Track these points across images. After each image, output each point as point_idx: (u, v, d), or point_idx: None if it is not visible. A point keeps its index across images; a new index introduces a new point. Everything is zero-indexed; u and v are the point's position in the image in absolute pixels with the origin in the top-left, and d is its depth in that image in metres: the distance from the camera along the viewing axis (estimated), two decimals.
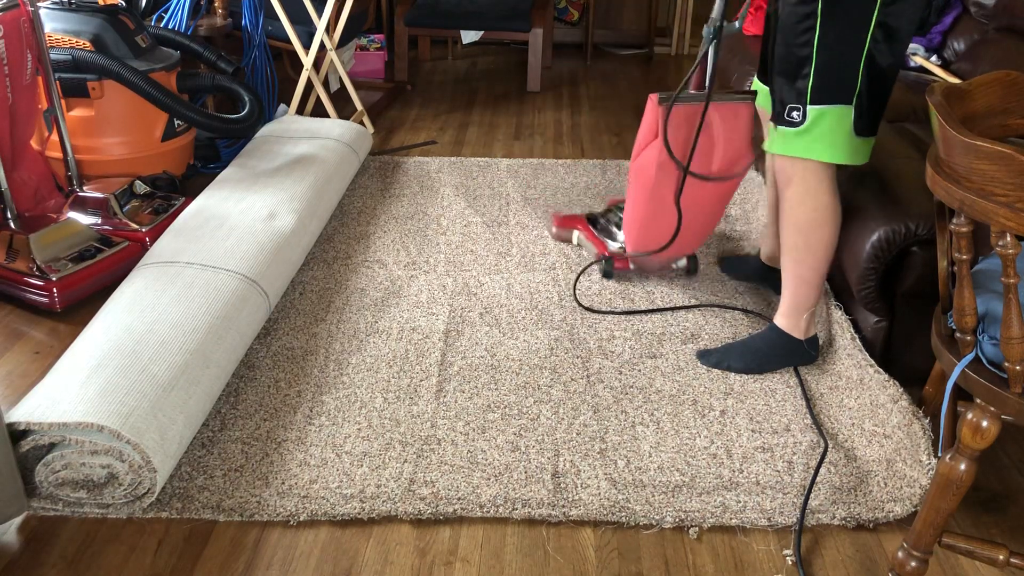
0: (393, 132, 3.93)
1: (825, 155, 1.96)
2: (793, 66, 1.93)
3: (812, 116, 1.93)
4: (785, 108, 1.96)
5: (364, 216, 3.04)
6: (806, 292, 2.11)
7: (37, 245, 2.48)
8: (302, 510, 1.76)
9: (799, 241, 2.06)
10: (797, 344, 2.18)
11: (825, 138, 1.94)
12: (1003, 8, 2.97)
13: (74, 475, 1.71)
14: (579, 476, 1.85)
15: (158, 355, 1.90)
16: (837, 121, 1.92)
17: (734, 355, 2.21)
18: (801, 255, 2.07)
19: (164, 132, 3.09)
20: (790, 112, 1.95)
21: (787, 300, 2.16)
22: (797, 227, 2.05)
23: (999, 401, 1.39)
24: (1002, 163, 1.21)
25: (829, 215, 2.02)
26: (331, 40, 3.75)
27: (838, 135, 1.94)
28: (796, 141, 1.97)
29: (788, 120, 1.96)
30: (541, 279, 2.63)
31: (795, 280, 2.11)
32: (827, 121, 1.93)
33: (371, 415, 2.03)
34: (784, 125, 1.98)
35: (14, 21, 2.54)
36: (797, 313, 2.15)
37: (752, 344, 2.22)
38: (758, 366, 2.19)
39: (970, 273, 1.39)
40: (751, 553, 1.70)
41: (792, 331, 2.17)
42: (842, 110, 1.92)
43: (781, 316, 2.18)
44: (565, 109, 4.29)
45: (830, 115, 1.92)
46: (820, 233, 2.03)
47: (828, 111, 1.92)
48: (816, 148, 1.95)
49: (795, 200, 2.03)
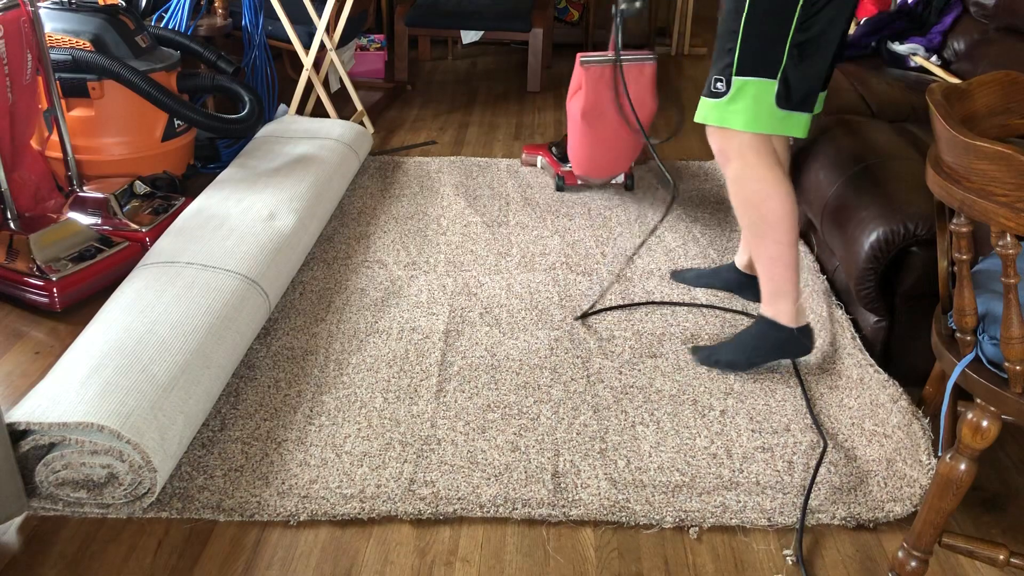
0: (393, 132, 3.93)
1: (743, 124, 2.01)
2: (724, 39, 2.01)
3: (735, 87, 1.99)
4: (711, 80, 2.03)
5: (364, 216, 3.04)
6: (780, 272, 2.10)
7: (37, 245, 2.48)
8: (302, 510, 1.76)
9: (754, 216, 2.09)
10: (788, 333, 2.14)
11: (748, 109, 2.00)
12: (1003, 8, 2.97)
13: (74, 475, 1.71)
14: (579, 476, 1.85)
15: (158, 355, 1.90)
16: (758, 93, 1.98)
17: (723, 350, 2.21)
18: (760, 229, 2.08)
19: (164, 132, 3.09)
20: (715, 83, 2.02)
21: (765, 285, 2.15)
22: (748, 202, 2.09)
23: (999, 401, 1.39)
24: (1002, 163, 1.21)
25: (774, 186, 2.05)
26: (331, 40, 3.75)
27: (760, 107, 1.99)
28: (717, 110, 2.04)
29: (714, 91, 2.03)
30: (541, 279, 2.63)
31: (766, 261, 2.11)
32: (748, 92, 1.99)
33: (371, 415, 2.03)
34: (709, 96, 2.04)
35: (14, 21, 2.54)
36: (779, 297, 2.13)
37: (741, 337, 2.22)
38: (746, 359, 2.17)
39: (970, 273, 1.39)
40: (751, 553, 1.70)
41: (779, 318, 2.13)
42: (764, 83, 1.97)
43: (765, 304, 2.17)
44: (565, 109, 4.28)
45: (751, 87, 1.98)
46: (771, 204, 2.05)
47: (749, 83, 1.98)
48: (735, 118, 2.01)
49: (736, 177, 2.09)
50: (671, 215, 3.05)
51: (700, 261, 2.75)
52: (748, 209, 2.10)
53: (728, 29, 1.99)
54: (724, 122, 2.03)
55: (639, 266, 2.71)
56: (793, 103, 1.99)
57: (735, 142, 2.05)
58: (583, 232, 2.93)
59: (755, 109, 1.99)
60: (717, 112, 2.04)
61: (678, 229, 2.96)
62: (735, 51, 1.97)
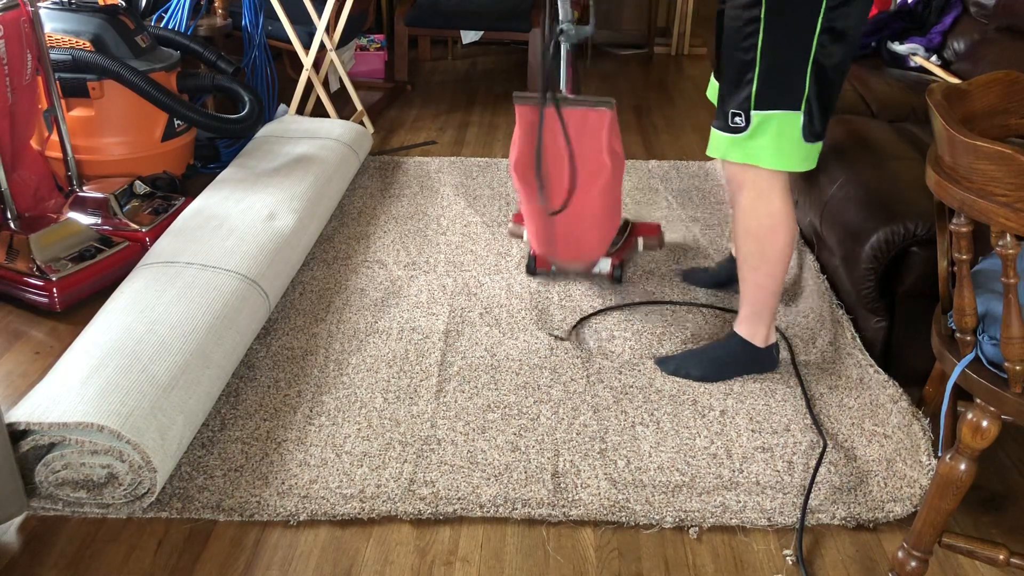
0: (393, 132, 3.93)
1: (769, 162, 1.91)
2: (736, 71, 1.87)
3: (756, 122, 1.88)
4: (728, 114, 1.92)
5: (364, 216, 3.04)
6: (764, 298, 2.09)
7: (37, 245, 2.48)
8: (302, 510, 1.76)
9: (754, 248, 2.03)
10: (759, 353, 2.16)
11: (771, 144, 1.89)
12: (1003, 8, 2.98)
13: (74, 475, 1.71)
14: (579, 476, 1.85)
15: (158, 355, 1.90)
16: (783, 127, 1.87)
17: (693, 362, 2.19)
18: (757, 262, 2.05)
19: (164, 132, 3.09)
20: (733, 118, 1.91)
21: (746, 307, 2.13)
22: (751, 234, 2.02)
23: (999, 401, 1.39)
24: (1002, 163, 1.21)
25: (782, 220, 1.99)
26: (331, 40, 3.75)
27: (784, 141, 1.88)
28: (738, 147, 1.92)
29: (732, 126, 1.91)
30: (541, 279, 2.63)
31: (753, 287, 2.09)
32: (772, 127, 1.87)
33: (371, 415, 2.03)
34: (727, 131, 1.93)
35: (14, 21, 2.54)
36: (757, 320, 2.13)
37: (712, 352, 2.20)
38: (716, 374, 2.16)
39: (970, 273, 1.39)
40: (751, 553, 1.70)
41: (752, 339, 2.14)
42: (788, 116, 1.87)
43: (741, 324, 2.16)
44: None
45: (775, 121, 1.87)
46: (774, 239, 2.00)
47: (772, 117, 1.87)
48: (760, 154, 1.90)
49: (747, 207, 2.00)
50: (671, 215, 3.05)
51: (699, 261, 2.75)
52: (750, 241, 2.03)
53: (740, 59, 1.85)
54: (749, 159, 1.92)
55: (640, 265, 2.71)
56: (818, 133, 1.90)
57: (751, 172, 1.94)
58: None
59: (779, 144, 1.88)
60: (739, 149, 1.92)
61: (677, 229, 2.96)
62: (753, 83, 1.85)
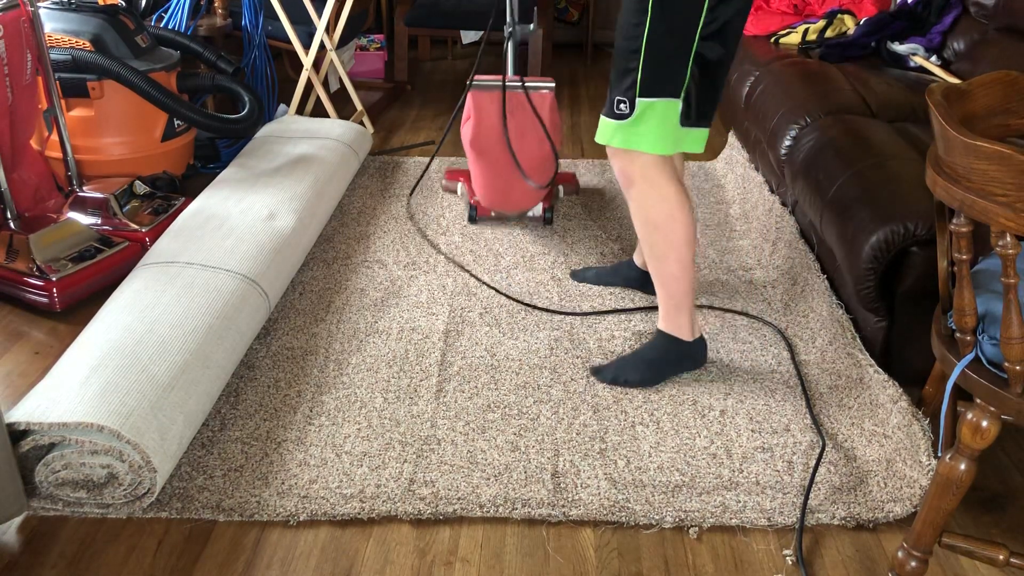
0: (393, 132, 3.93)
1: (650, 146, 1.97)
2: (624, 59, 1.95)
3: (640, 108, 1.94)
4: (615, 101, 1.98)
5: (364, 216, 3.04)
6: (679, 288, 2.09)
7: (37, 245, 2.48)
8: (302, 510, 1.76)
9: (657, 238, 2.05)
10: (687, 346, 2.15)
11: (653, 131, 1.96)
12: (1003, 8, 2.98)
13: (74, 475, 1.71)
14: (579, 476, 1.85)
15: (158, 355, 1.90)
16: (664, 114, 1.94)
17: (628, 368, 2.16)
18: (663, 251, 2.06)
19: (164, 132, 3.09)
20: (618, 104, 1.97)
21: (664, 301, 2.13)
22: (651, 223, 2.05)
23: (999, 401, 1.39)
24: (1002, 163, 1.21)
25: (678, 205, 2.02)
26: (331, 40, 3.75)
27: (665, 127, 1.96)
28: (621, 132, 1.98)
29: (617, 113, 1.97)
30: (541, 279, 2.63)
31: (667, 279, 2.10)
32: (654, 113, 1.94)
33: (371, 415, 2.03)
34: (613, 117, 1.98)
35: (14, 21, 2.54)
36: (678, 313, 2.12)
37: (644, 354, 2.18)
38: (653, 376, 2.15)
39: (970, 273, 1.39)
40: (751, 553, 1.70)
41: (677, 332, 2.14)
42: (669, 103, 1.94)
43: (663, 320, 2.15)
44: (565, 109, 4.29)
45: (657, 108, 1.94)
46: (674, 224, 2.03)
47: (655, 104, 1.93)
48: (642, 140, 1.97)
49: (642, 197, 2.04)
50: None
51: (699, 260, 2.75)
52: (651, 231, 2.06)
53: (628, 48, 1.93)
54: (630, 144, 1.98)
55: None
56: (694, 119, 1.98)
57: (638, 163, 2.00)
58: (584, 231, 2.93)
59: (661, 129, 1.95)
60: (622, 134, 1.98)
61: None
62: (638, 71, 1.92)
